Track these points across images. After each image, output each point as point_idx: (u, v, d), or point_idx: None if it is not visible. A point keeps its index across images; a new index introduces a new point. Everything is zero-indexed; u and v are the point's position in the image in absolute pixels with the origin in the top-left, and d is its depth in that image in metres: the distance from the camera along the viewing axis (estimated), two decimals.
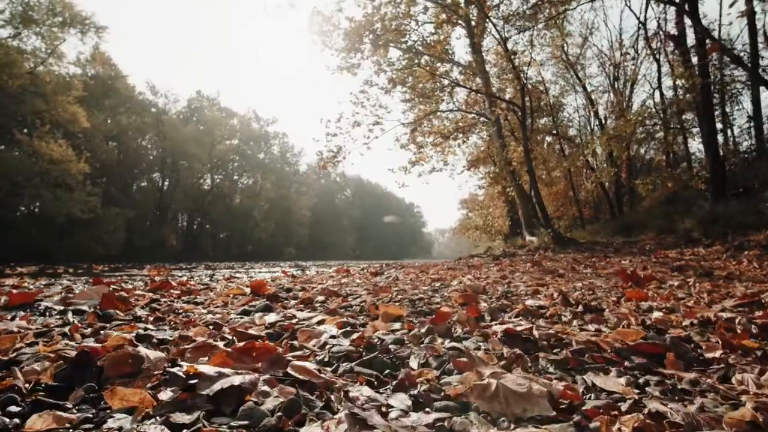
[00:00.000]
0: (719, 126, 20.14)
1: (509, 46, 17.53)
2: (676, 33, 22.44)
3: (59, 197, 28.05)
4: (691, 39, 20.10)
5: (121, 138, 39.07)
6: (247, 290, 3.24)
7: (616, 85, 26.07)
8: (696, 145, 25.94)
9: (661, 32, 23.54)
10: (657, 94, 24.12)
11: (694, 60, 21.12)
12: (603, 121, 26.28)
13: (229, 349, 1.25)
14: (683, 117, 23.07)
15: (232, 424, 0.87)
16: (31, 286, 4.16)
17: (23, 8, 28.66)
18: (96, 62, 36.19)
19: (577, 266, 8.24)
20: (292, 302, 2.83)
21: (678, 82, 23.77)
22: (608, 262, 9.06)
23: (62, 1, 29.88)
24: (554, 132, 25.41)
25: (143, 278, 6.41)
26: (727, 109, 22.31)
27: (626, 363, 1.35)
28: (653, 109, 23.44)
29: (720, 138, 20.14)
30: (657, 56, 23.93)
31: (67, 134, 30.70)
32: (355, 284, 4.22)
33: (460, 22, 18.24)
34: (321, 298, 2.93)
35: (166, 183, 42.97)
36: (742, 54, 20.19)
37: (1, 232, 29.94)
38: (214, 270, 10.50)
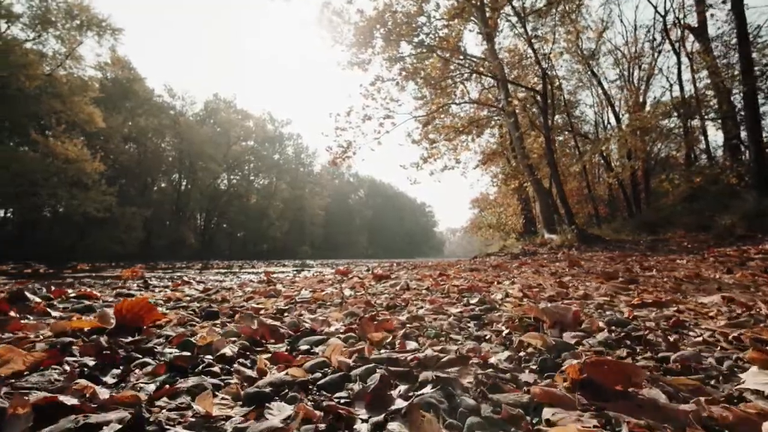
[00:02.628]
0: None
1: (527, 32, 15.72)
2: (696, 25, 20.68)
3: (75, 196, 27.03)
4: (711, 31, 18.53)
5: (140, 140, 38.13)
6: (112, 322, 1.55)
7: (631, 80, 24.23)
8: (717, 141, 23.75)
9: (679, 24, 21.74)
10: (675, 88, 22.53)
11: (716, 52, 19.26)
12: (618, 117, 24.36)
13: None
14: (703, 110, 21.22)
15: None
16: None
17: (42, 12, 27.82)
18: (115, 65, 35.33)
19: (630, 266, 6.42)
20: (153, 365, 1.13)
21: (697, 75, 22.11)
22: (659, 262, 7.20)
23: (80, 4, 28.95)
24: (569, 129, 23.51)
25: (86, 282, 4.81)
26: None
27: None
28: (674, 102, 21.37)
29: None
30: (677, 49, 22.08)
31: (87, 135, 29.75)
32: (338, 300, 2.51)
33: (473, 17, 16.55)
34: (230, 350, 1.21)
35: (184, 183, 41.90)
36: None
37: (23, 232, 29.14)
38: (201, 271, 8.90)
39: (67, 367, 1.03)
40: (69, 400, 0.79)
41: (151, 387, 0.93)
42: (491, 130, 22.21)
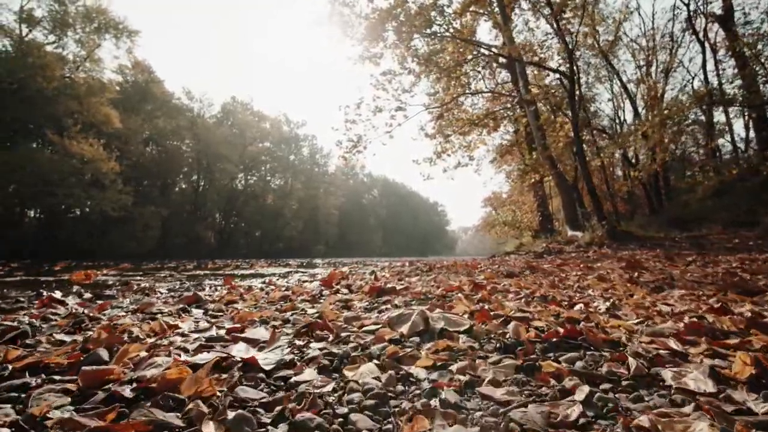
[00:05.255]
0: None
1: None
2: (722, 12, 18.87)
3: (92, 196, 25.99)
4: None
5: (161, 141, 37.23)
6: None
7: (650, 73, 22.24)
8: (740, 134, 21.54)
9: (703, 13, 19.75)
10: (696, 81, 20.94)
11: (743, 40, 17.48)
12: (638, 111, 22.32)
13: None
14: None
15: None
16: None
17: (61, 15, 26.96)
18: (135, 69, 34.38)
19: (731, 270, 4.50)
20: None
21: (721, 65, 20.34)
22: (743, 262, 5.26)
23: (97, 7, 27.99)
24: (586, 124, 21.60)
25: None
26: None
27: None
28: (701, 92, 19.07)
29: None
30: (701, 38, 20.06)
31: (108, 136, 28.85)
32: (203, 409, 0.73)
33: (487, 10, 14.76)
34: None
35: (202, 183, 40.88)
36: None
37: (45, 231, 28.31)
38: (180, 272, 7.24)
39: None
40: None
41: None
42: (505, 127, 20.40)
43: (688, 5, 19.50)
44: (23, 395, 0.88)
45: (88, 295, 2.96)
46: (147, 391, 0.86)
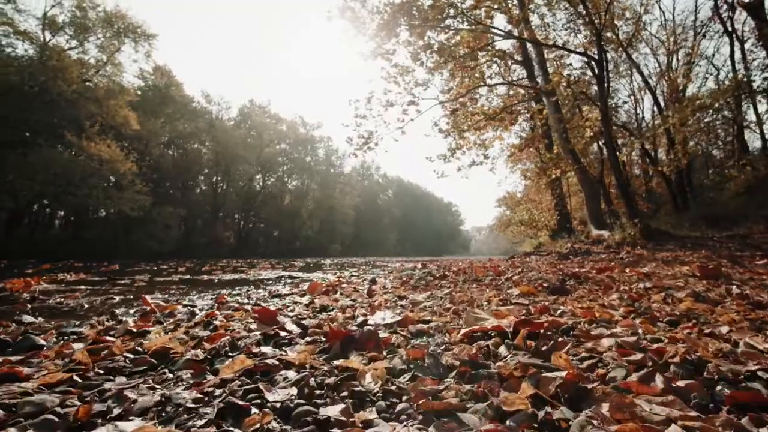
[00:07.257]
0: None
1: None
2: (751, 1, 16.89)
3: (111, 195, 25.58)
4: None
5: (180, 144, 36.98)
6: None
7: (673, 66, 20.55)
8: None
9: (730, 3, 17.96)
10: (721, 73, 18.95)
11: None
12: (660, 104, 20.58)
13: None
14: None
15: None
16: None
17: (82, 20, 26.71)
18: (155, 73, 34.05)
19: None
20: None
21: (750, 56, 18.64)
22: None
23: (116, 13, 27.67)
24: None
25: None
26: None
27: None
28: (732, 83, 17.05)
29: None
30: (728, 29, 18.37)
31: (130, 139, 28.63)
32: None
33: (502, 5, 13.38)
34: None
35: (221, 185, 40.54)
36: None
37: (70, 231, 28.20)
38: (159, 277, 6.12)
39: None
40: None
41: None
42: (520, 125, 18.96)
43: None
44: None
45: None
46: None
